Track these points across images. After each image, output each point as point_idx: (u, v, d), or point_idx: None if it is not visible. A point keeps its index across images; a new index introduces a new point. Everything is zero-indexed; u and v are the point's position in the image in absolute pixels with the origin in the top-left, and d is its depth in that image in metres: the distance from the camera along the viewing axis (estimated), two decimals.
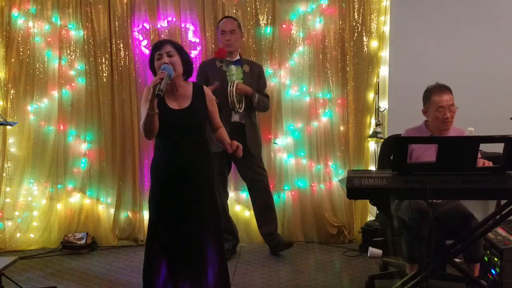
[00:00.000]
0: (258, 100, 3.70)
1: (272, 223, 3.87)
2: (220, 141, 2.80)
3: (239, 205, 4.24)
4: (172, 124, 2.54)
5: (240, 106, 3.65)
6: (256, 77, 3.80)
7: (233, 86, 3.56)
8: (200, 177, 2.60)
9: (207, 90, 2.71)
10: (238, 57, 3.81)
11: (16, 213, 4.23)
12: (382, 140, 3.95)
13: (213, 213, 2.66)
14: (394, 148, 2.26)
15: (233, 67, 3.75)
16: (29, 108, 4.24)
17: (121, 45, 4.20)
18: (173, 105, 2.57)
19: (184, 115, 2.56)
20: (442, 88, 2.92)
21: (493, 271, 3.07)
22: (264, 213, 3.86)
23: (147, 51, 4.25)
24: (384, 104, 4.28)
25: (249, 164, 3.79)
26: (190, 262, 2.53)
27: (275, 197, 4.05)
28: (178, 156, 2.55)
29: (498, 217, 2.64)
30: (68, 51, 4.25)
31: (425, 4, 4.16)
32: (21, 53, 4.19)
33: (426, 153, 2.84)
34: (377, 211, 3.14)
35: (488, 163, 2.57)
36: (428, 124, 2.99)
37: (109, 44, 4.20)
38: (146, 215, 4.17)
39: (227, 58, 3.76)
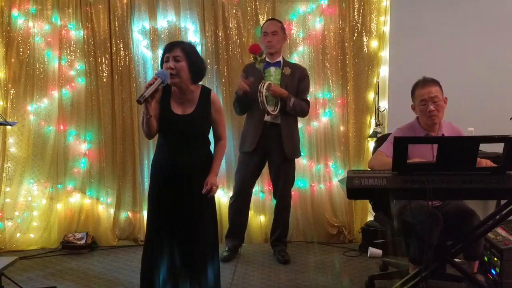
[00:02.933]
0: (294, 104, 3.57)
1: (280, 230, 3.84)
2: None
3: None
4: (172, 129, 2.54)
5: (275, 108, 3.57)
6: (296, 80, 3.68)
7: (263, 87, 3.45)
8: (200, 180, 2.56)
9: (215, 97, 2.64)
10: (279, 59, 3.72)
11: (16, 213, 4.23)
12: None
13: (212, 214, 2.66)
14: (394, 148, 2.25)
15: (272, 69, 3.69)
16: (29, 108, 4.24)
17: (121, 45, 4.20)
18: (177, 110, 2.55)
19: (185, 121, 2.53)
20: (426, 81, 2.82)
21: (493, 271, 3.07)
22: (276, 225, 3.86)
23: (147, 51, 4.26)
24: (384, 104, 4.28)
25: (283, 169, 3.71)
26: (190, 263, 2.53)
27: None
28: (177, 159, 2.54)
29: (498, 217, 2.64)
30: (68, 51, 4.25)
31: (425, 4, 4.16)
32: (21, 53, 4.19)
33: (418, 151, 2.77)
34: (375, 212, 3.13)
35: (491, 164, 2.56)
36: (419, 120, 2.91)
37: (109, 44, 4.20)
38: (146, 215, 4.16)
39: (268, 60, 3.70)
